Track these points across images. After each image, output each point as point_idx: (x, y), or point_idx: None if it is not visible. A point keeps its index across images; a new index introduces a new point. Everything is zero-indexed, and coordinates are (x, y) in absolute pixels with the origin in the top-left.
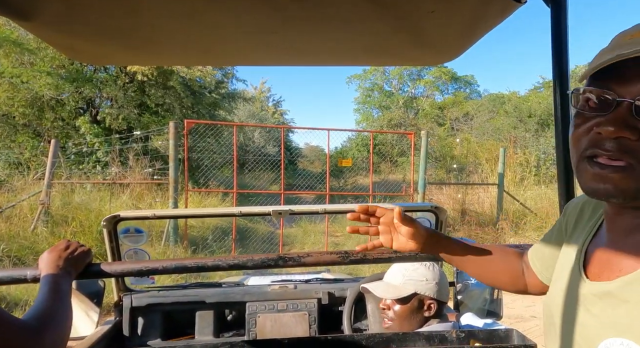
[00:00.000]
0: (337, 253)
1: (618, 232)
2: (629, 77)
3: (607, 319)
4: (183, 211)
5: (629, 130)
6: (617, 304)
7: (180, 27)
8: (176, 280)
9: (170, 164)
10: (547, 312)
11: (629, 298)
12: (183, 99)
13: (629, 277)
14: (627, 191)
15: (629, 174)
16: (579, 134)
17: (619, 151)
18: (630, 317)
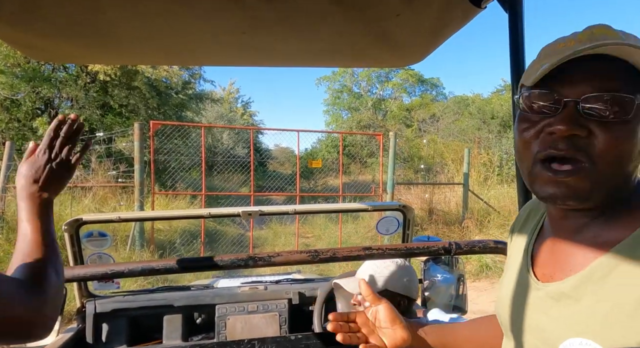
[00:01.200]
0: (307, 252)
1: (565, 232)
2: (571, 79)
3: (565, 320)
4: (149, 213)
5: (579, 128)
6: (572, 304)
7: (145, 26)
8: (143, 285)
9: (136, 166)
10: (500, 317)
11: (583, 296)
12: (148, 100)
13: (580, 275)
14: (582, 193)
15: (583, 175)
16: (528, 138)
17: (573, 149)
18: (586, 315)
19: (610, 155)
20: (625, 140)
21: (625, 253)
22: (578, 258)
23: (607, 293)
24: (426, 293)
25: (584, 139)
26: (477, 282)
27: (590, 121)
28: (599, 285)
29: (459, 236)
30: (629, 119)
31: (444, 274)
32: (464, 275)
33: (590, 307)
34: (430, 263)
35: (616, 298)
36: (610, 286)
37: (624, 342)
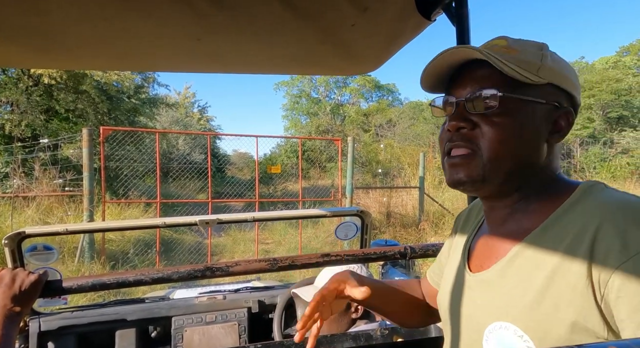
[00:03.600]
0: (265, 260)
1: (493, 224)
2: (459, 82)
3: (488, 306)
4: (100, 224)
5: (464, 122)
6: (494, 289)
7: (94, 30)
8: (93, 299)
9: (85, 173)
10: (441, 310)
11: (502, 283)
12: (98, 104)
13: (500, 263)
14: (474, 175)
15: (472, 159)
16: (440, 137)
17: (462, 140)
18: (504, 300)
19: (491, 141)
20: (501, 128)
21: (533, 241)
22: (501, 247)
23: (520, 279)
24: None
25: (471, 130)
26: None
27: (474, 115)
28: (514, 272)
29: (415, 238)
30: (499, 110)
31: (401, 277)
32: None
33: (508, 292)
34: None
35: (526, 283)
36: (522, 272)
37: (535, 324)
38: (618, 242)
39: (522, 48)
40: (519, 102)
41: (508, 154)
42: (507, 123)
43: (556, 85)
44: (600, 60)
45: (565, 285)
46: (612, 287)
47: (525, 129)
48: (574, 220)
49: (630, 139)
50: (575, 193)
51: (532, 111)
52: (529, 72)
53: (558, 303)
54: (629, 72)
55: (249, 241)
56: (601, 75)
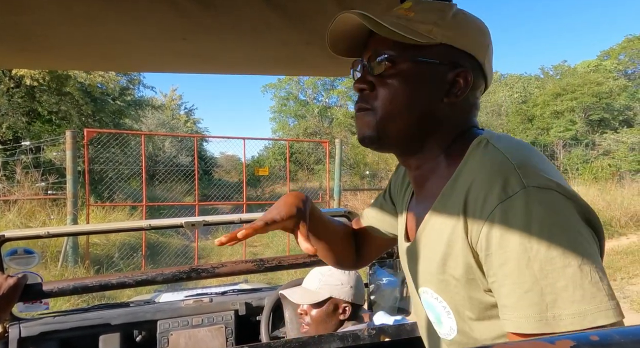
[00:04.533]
0: (252, 261)
1: (415, 188)
2: (365, 47)
3: (415, 272)
4: (83, 227)
5: (364, 84)
6: (416, 257)
7: (77, 30)
8: (76, 304)
9: (68, 176)
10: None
11: (419, 249)
12: (82, 106)
13: (418, 232)
14: (371, 132)
15: (368, 115)
16: None
17: (362, 101)
18: (422, 267)
19: (383, 99)
20: (392, 87)
21: (436, 208)
22: (420, 215)
23: (430, 246)
24: (372, 297)
25: (370, 91)
26: None
27: (372, 77)
28: (426, 240)
29: None
30: (390, 72)
31: (389, 277)
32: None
33: (423, 259)
34: (376, 268)
35: (434, 249)
36: (431, 239)
37: (443, 286)
38: (480, 202)
39: (421, 9)
40: (410, 62)
41: (398, 112)
42: (398, 83)
43: (453, 46)
44: (582, 64)
45: (457, 247)
46: (481, 246)
47: (415, 89)
48: (462, 184)
49: (611, 141)
50: (467, 153)
51: (423, 71)
52: (417, 32)
53: (455, 265)
54: (610, 75)
55: (237, 244)
56: (583, 78)
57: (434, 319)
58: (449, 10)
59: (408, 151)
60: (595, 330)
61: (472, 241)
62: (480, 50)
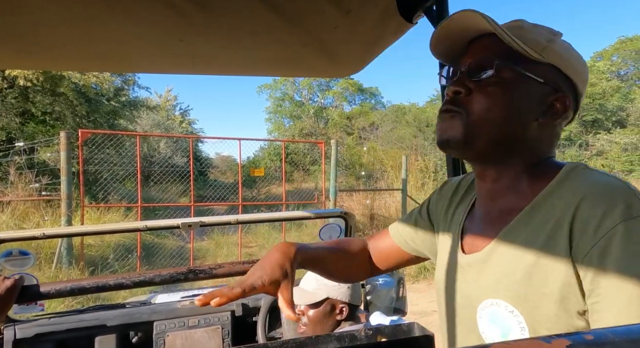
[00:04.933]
0: (249, 262)
1: (485, 201)
2: (467, 52)
3: (480, 284)
4: (78, 228)
5: (460, 87)
6: (485, 269)
7: (74, 31)
8: (71, 306)
9: (62, 177)
10: (437, 291)
11: (493, 261)
12: (76, 107)
13: (491, 244)
14: (456, 134)
15: (458, 120)
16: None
17: (453, 103)
18: (495, 278)
19: (478, 106)
20: (491, 96)
21: (521, 222)
22: (492, 228)
23: (510, 258)
24: (368, 297)
25: (466, 96)
26: (417, 283)
27: (472, 82)
28: (504, 252)
29: None
30: (494, 79)
31: (385, 278)
32: (403, 277)
33: (499, 271)
34: None
35: (516, 262)
36: (512, 252)
37: (524, 300)
38: (595, 220)
39: (534, 29)
40: (516, 74)
41: (491, 121)
42: (499, 92)
43: (559, 69)
44: None
45: (549, 263)
46: (590, 261)
47: (515, 103)
48: (558, 202)
49: (604, 141)
50: (559, 175)
51: (528, 87)
52: (531, 48)
53: (544, 280)
54: (603, 76)
55: (232, 245)
56: None
57: (498, 334)
58: (559, 36)
59: (489, 162)
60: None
61: (577, 257)
62: (580, 81)
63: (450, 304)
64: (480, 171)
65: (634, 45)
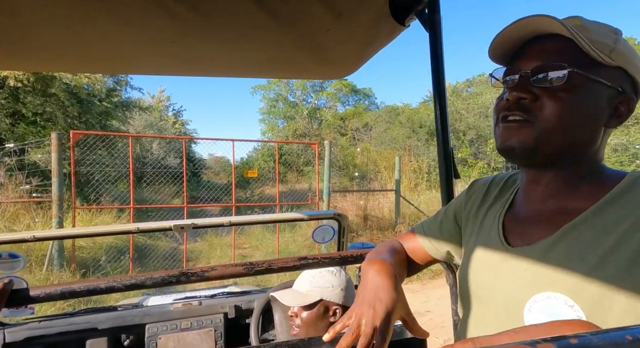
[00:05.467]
0: (242, 265)
1: (534, 201)
2: (527, 55)
3: (533, 277)
4: (69, 231)
5: (525, 93)
6: (540, 264)
7: (65, 32)
8: (62, 309)
9: (54, 179)
10: (469, 284)
11: (551, 256)
12: (68, 108)
13: (548, 239)
14: (527, 142)
15: (526, 126)
16: (497, 106)
17: (519, 109)
18: (555, 272)
19: (550, 113)
20: (563, 104)
21: (586, 221)
22: (547, 224)
23: (572, 254)
24: None
25: (532, 102)
26: (410, 284)
27: (538, 88)
28: (565, 247)
29: None
30: (564, 85)
31: None
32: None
33: (559, 264)
34: None
35: (579, 257)
36: (575, 248)
37: (588, 294)
38: None
39: (596, 29)
40: (587, 80)
41: (564, 130)
42: (570, 99)
43: (624, 70)
44: None
45: (622, 261)
46: None
47: (586, 109)
48: (630, 206)
49: None
50: (625, 181)
51: (597, 92)
52: (602, 52)
53: (613, 276)
54: None
55: (226, 246)
56: None
57: None
58: (620, 34)
59: (550, 167)
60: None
61: None
62: None
63: (489, 293)
64: (534, 175)
65: None
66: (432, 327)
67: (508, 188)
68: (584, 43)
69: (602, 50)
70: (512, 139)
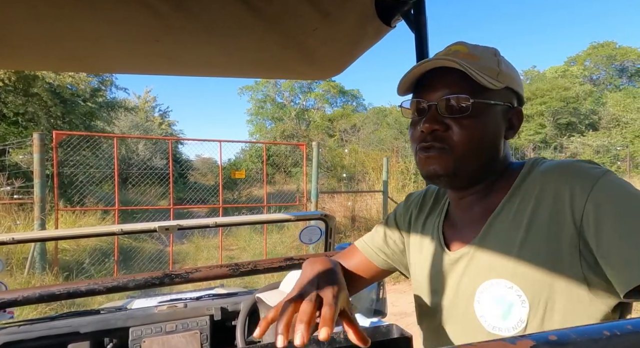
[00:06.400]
0: (227, 266)
1: (462, 211)
2: (432, 87)
3: (473, 272)
4: (50, 233)
5: (438, 125)
6: (477, 257)
7: (45, 29)
8: (45, 312)
9: (36, 180)
10: (421, 290)
11: (484, 249)
12: (51, 108)
13: (478, 237)
14: (448, 169)
15: (445, 156)
16: (413, 137)
17: (435, 141)
18: (489, 262)
19: (462, 141)
20: (472, 130)
21: (502, 209)
22: (474, 226)
23: (500, 241)
24: None
25: (444, 132)
26: (397, 284)
27: (446, 118)
28: (493, 238)
29: None
30: (469, 114)
31: None
32: (382, 282)
33: (491, 254)
34: None
35: (506, 242)
36: (500, 235)
37: (520, 273)
38: (578, 186)
39: (481, 55)
40: (486, 105)
41: (476, 152)
42: (476, 125)
43: (510, 88)
44: (550, 70)
45: (540, 235)
46: (587, 219)
47: (489, 129)
48: (532, 185)
49: (578, 144)
50: (524, 167)
51: (494, 113)
52: (492, 78)
53: (537, 251)
54: (576, 81)
55: (213, 248)
56: (551, 83)
57: (499, 313)
58: (498, 55)
59: (472, 184)
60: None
61: (575, 218)
62: (523, 91)
63: (440, 298)
64: (458, 193)
65: (605, 50)
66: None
67: (440, 199)
68: (477, 75)
69: (491, 75)
70: (434, 166)
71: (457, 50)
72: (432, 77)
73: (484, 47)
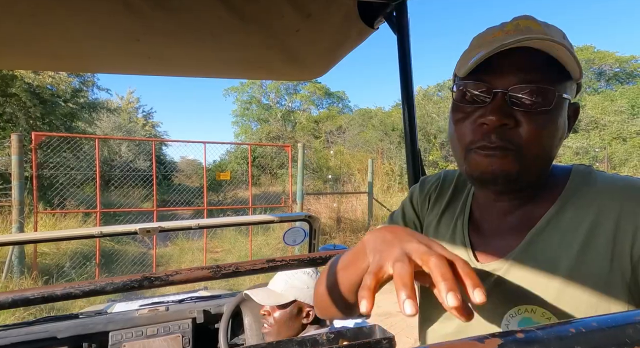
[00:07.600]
0: (208, 268)
1: (494, 216)
2: (500, 70)
3: (507, 293)
4: (29, 235)
5: (508, 118)
6: (513, 277)
7: (21, 27)
8: (23, 318)
9: (14, 182)
10: (431, 297)
11: (521, 268)
12: (30, 109)
13: (515, 251)
14: (511, 175)
15: (510, 155)
16: (463, 128)
17: (503, 140)
18: (528, 285)
19: (534, 143)
20: (547, 129)
21: (548, 226)
22: (509, 238)
23: (543, 264)
24: None
25: (512, 128)
26: None
27: (517, 111)
28: (534, 257)
29: None
30: (549, 109)
31: None
32: None
33: (531, 277)
34: None
35: (550, 266)
36: (543, 256)
37: (564, 305)
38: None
39: (556, 36)
40: (562, 100)
41: (543, 154)
42: (552, 123)
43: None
44: None
45: (592, 264)
46: None
47: (561, 129)
48: (587, 202)
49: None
50: (572, 178)
51: (565, 108)
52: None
53: (585, 281)
54: None
55: (197, 250)
56: None
57: None
58: (567, 38)
59: (521, 190)
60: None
61: (634, 252)
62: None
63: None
64: (498, 194)
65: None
66: (403, 327)
67: (460, 191)
68: (574, 63)
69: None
70: (493, 167)
71: (528, 27)
72: (502, 59)
73: (554, 27)
